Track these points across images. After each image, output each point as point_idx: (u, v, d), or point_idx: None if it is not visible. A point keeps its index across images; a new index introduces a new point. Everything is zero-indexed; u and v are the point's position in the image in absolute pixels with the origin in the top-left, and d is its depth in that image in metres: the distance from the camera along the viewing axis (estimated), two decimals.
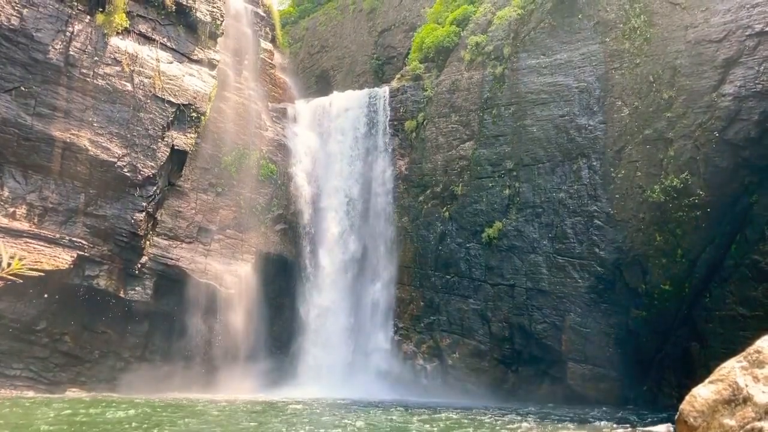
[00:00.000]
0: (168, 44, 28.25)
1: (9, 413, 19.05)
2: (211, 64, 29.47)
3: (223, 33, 30.35)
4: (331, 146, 33.84)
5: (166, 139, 27.64)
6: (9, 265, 3.94)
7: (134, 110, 26.86)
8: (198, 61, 29.04)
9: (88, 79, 26.00)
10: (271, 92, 34.47)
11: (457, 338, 29.45)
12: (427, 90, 32.24)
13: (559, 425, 19.79)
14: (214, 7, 29.66)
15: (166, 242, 28.50)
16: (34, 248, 24.72)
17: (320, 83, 45.41)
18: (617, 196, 26.08)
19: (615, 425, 19.86)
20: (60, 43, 25.50)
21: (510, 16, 30.39)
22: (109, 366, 27.72)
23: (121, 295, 27.32)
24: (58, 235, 25.40)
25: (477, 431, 18.39)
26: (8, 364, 25.25)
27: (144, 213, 27.02)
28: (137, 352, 28.35)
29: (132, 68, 26.94)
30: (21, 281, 4.08)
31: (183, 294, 28.81)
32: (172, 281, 28.63)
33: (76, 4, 26.03)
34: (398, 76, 35.06)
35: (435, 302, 30.19)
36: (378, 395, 28.18)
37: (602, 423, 20.30)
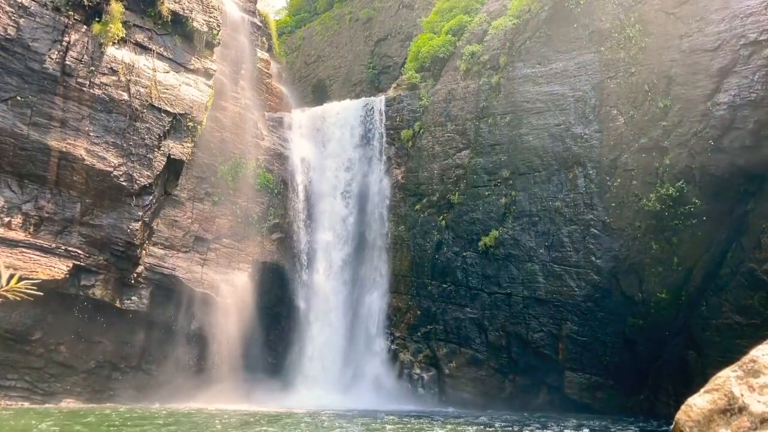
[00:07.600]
0: (164, 54, 28.26)
1: None
2: (208, 74, 29.49)
3: (219, 43, 30.39)
4: (328, 155, 33.85)
5: (162, 149, 27.62)
6: (8, 282, 3.93)
7: (130, 120, 26.85)
8: (194, 71, 29.05)
9: (85, 89, 25.99)
10: (267, 101, 34.50)
11: (454, 347, 29.40)
12: (423, 99, 32.31)
13: None
14: (210, 17, 29.70)
15: (162, 252, 28.44)
16: (30, 258, 24.64)
17: (316, 93, 45.51)
18: (613, 204, 26.14)
19: None
20: (56, 52, 25.50)
21: (505, 25, 30.53)
22: (105, 376, 27.59)
23: (117, 304, 27.22)
24: (53, 245, 25.33)
25: None
26: (3, 375, 25.09)
27: (140, 222, 26.97)
28: (133, 361, 28.23)
29: (128, 78, 26.94)
30: (19, 298, 4.06)
31: (179, 303, 28.74)
32: (168, 290, 28.55)
33: (72, 14, 26.05)
34: (394, 85, 35.16)
35: (431, 311, 30.15)
36: (374, 405, 28.07)
37: None
